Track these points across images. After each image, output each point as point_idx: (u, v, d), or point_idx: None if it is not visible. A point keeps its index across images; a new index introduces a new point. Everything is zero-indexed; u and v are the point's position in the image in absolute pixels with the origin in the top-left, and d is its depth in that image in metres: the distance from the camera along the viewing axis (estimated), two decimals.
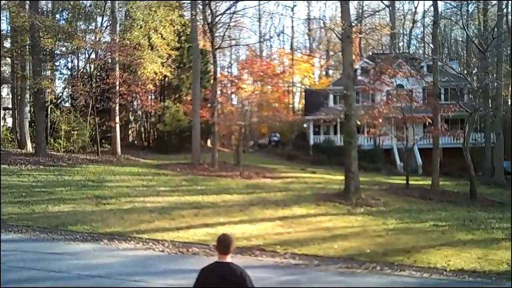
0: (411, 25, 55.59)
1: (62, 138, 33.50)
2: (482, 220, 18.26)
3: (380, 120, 24.77)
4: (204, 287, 5.05)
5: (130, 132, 45.41)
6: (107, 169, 25.20)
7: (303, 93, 59.49)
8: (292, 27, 76.44)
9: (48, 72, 34.14)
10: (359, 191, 20.39)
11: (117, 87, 31.23)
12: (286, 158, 38.71)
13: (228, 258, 5.11)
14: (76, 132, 34.19)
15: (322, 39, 66.10)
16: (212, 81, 31.40)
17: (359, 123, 21.48)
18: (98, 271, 10.85)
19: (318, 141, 40.59)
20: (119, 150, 32.14)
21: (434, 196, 23.90)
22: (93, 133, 35.82)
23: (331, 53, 57.04)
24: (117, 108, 31.92)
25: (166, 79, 41.82)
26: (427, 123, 24.73)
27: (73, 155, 29.83)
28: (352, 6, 46.31)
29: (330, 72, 65.86)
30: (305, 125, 48.83)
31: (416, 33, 55.47)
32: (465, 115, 34.27)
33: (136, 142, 44.65)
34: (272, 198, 20.17)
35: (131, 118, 44.05)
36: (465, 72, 31.27)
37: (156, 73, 34.05)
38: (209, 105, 30.42)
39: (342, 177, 28.80)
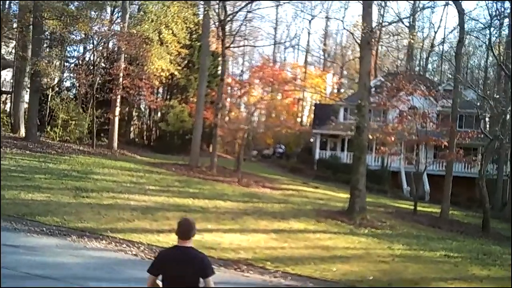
0: (428, 49, 53.90)
1: (59, 127, 31.85)
2: (497, 255, 16.27)
3: (393, 138, 22.93)
4: (161, 270, 4.90)
5: (132, 129, 43.74)
6: (98, 161, 23.48)
7: (313, 108, 57.94)
8: (308, 41, 74.50)
9: (55, 60, 32.66)
10: (364, 210, 18.52)
11: (120, 79, 29.61)
12: (289, 171, 36.80)
13: (189, 243, 4.96)
14: (74, 122, 32.56)
15: (337, 55, 64.56)
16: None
17: (370, 137, 19.61)
18: (51, 271, 9.08)
19: (323, 156, 38.70)
20: (115, 144, 30.46)
21: (443, 224, 21.93)
22: (92, 125, 34.40)
23: (347, 61, 55.11)
24: (118, 100, 30.29)
25: (174, 78, 40.27)
26: (442, 146, 22.74)
27: (66, 145, 28.15)
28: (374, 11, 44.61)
29: (342, 89, 64.12)
30: (311, 139, 46.98)
31: (433, 59, 53.70)
32: (477, 144, 32.43)
33: (137, 139, 42.92)
34: (269, 209, 18.33)
35: (134, 114, 42.40)
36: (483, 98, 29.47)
37: (163, 70, 32.47)
38: (214, 107, 28.69)
39: (346, 195, 26.96)
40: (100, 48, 30.82)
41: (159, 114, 42.43)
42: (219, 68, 40.51)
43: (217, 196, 19.25)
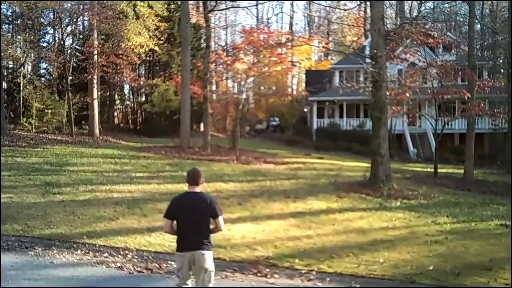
0: None
1: (34, 117, 28.39)
2: None
3: (408, 94, 19.91)
4: (175, 215, 5.38)
5: (115, 113, 40.27)
6: (76, 150, 20.21)
7: (302, 76, 54.69)
8: (292, 7, 70.48)
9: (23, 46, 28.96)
10: (390, 179, 15.58)
11: (95, 57, 26.14)
12: (286, 144, 33.74)
13: (197, 188, 5.48)
14: (50, 110, 29.08)
15: (323, 22, 61.08)
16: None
17: (388, 93, 16.52)
18: None
19: (322, 125, 35.63)
20: (97, 130, 27.14)
21: (472, 186, 19.18)
22: (70, 111, 31.09)
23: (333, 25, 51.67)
24: (95, 82, 26.83)
25: (155, 54, 36.71)
26: (465, 97, 19.54)
27: (42, 136, 24.79)
28: None
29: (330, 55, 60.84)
30: (305, 109, 43.88)
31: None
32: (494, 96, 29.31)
33: (121, 124, 39.48)
34: (278, 187, 15.28)
35: (117, 97, 38.90)
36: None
37: (142, 46, 28.96)
38: (202, 77, 25.36)
39: (355, 163, 24.10)
40: (70, 26, 27.10)
41: (143, 96, 38.97)
42: (202, 41, 37.10)
43: (216, 178, 16.15)
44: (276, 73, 28.80)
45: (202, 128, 39.77)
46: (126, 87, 40.16)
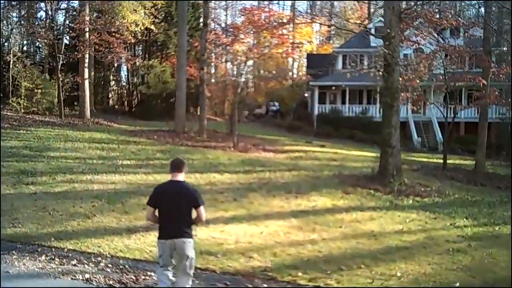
0: None
1: (23, 97, 26.77)
2: None
3: (418, 81, 18.30)
4: (158, 202, 5.41)
5: (110, 95, 38.61)
6: (62, 133, 18.68)
7: (303, 61, 52.93)
8: None
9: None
10: (401, 173, 14.08)
11: (87, 35, 24.43)
12: (286, 130, 32.18)
13: (180, 177, 5.49)
14: (40, 90, 27.44)
15: (325, 4, 59.13)
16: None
17: (400, 79, 14.89)
18: None
19: (323, 111, 33.99)
20: (88, 112, 25.53)
21: (485, 180, 17.73)
22: (63, 93, 29.53)
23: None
24: (86, 61, 25.15)
25: (151, 34, 34.91)
26: (480, 84, 17.89)
27: (28, 117, 23.22)
28: None
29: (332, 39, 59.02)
30: (306, 94, 42.19)
31: None
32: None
33: (116, 106, 37.83)
34: (278, 179, 13.80)
35: (112, 77, 37.20)
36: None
37: (137, 25, 27.26)
38: (199, 58, 23.74)
39: (359, 153, 22.62)
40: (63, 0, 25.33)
41: (139, 77, 37.26)
42: (201, 20, 35.33)
43: (210, 168, 14.67)
44: (277, 55, 27.09)
45: (199, 112, 38.29)
46: (123, 67, 38.54)
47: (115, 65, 36.66)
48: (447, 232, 9.96)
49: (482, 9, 20.87)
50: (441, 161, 23.17)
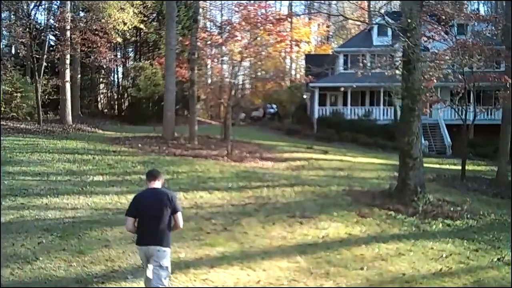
0: None
1: (1, 102, 24.25)
2: None
3: (435, 81, 15.91)
4: (137, 212, 5.24)
5: (99, 98, 36.16)
6: (32, 142, 16.18)
7: (300, 62, 50.61)
8: None
9: None
10: (424, 189, 11.62)
11: (68, 33, 21.96)
12: (285, 133, 29.73)
13: (157, 185, 5.41)
14: (20, 94, 24.96)
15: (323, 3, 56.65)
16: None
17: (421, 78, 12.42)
18: None
19: (324, 114, 31.54)
20: (69, 118, 23.05)
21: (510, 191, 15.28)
22: (45, 96, 27.04)
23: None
24: (67, 61, 22.66)
25: (142, 34, 32.52)
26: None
27: (2, 123, 20.69)
28: None
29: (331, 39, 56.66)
30: (305, 96, 39.77)
31: None
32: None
33: (106, 110, 35.37)
34: (279, 199, 11.32)
35: (101, 80, 34.75)
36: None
37: (125, 23, 24.82)
38: (189, 58, 21.32)
39: (367, 159, 20.25)
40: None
41: (130, 79, 34.80)
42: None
43: (198, 184, 12.20)
44: (275, 54, 24.67)
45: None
46: (114, 69, 36.09)
47: (104, 66, 34.28)
48: (498, 273, 7.56)
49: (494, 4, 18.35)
50: (455, 167, 20.89)
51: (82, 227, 8.32)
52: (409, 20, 10.97)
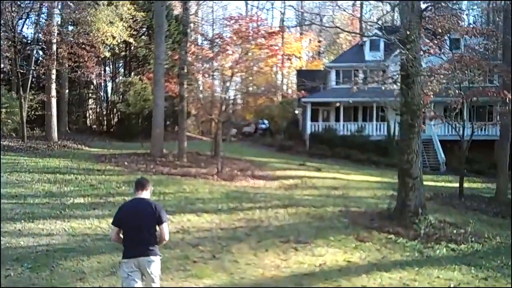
0: None
1: None
2: None
3: (432, 96, 15.38)
4: (122, 221, 5.11)
5: (88, 113, 35.36)
6: (12, 161, 15.34)
7: (291, 79, 50.34)
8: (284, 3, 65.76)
9: None
10: (425, 210, 10.96)
11: (54, 47, 21.27)
12: (277, 149, 29.07)
13: (145, 195, 5.28)
14: (5, 110, 24.13)
15: (315, 18, 56.59)
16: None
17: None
18: None
19: (316, 129, 30.96)
20: (55, 134, 22.28)
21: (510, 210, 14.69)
22: (31, 112, 26.28)
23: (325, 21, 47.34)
24: (53, 76, 21.94)
25: (132, 48, 31.91)
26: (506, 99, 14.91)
27: None
28: None
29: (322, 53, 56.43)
30: (297, 112, 39.23)
31: None
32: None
33: (94, 126, 34.54)
34: (271, 221, 10.59)
35: (90, 95, 34.01)
36: None
37: (114, 37, 24.18)
38: (178, 72, 20.67)
39: (361, 177, 19.63)
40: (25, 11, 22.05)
41: (120, 94, 34.08)
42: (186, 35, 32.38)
43: (185, 206, 11.46)
44: (266, 69, 24.15)
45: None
46: (103, 84, 35.41)
47: (94, 82, 33.59)
48: None
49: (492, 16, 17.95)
50: (451, 184, 20.33)
51: (56, 256, 7.54)
52: (408, 32, 10.41)
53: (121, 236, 5.13)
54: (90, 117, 35.75)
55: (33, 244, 8.04)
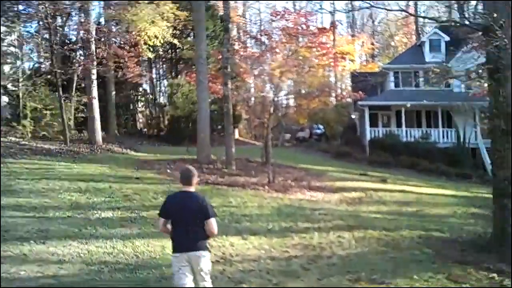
0: None
1: (29, 119, 22.63)
2: None
3: None
4: (169, 213, 5.08)
5: (138, 117, 34.49)
6: (46, 166, 14.03)
7: (346, 81, 47.68)
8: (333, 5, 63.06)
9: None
10: None
11: (93, 47, 20.11)
12: (334, 156, 26.73)
13: (191, 189, 5.15)
14: (49, 111, 23.34)
15: (367, 21, 53.78)
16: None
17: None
18: None
19: (376, 135, 28.43)
20: (99, 137, 21.06)
21: None
22: (77, 113, 25.44)
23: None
24: (93, 77, 20.76)
25: (177, 50, 30.69)
26: None
27: (26, 143, 18.89)
28: None
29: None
30: (353, 116, 36.73)
31: None
32: None
33: (145, 129, 33.57)
34: (335, 249, 8.49)
35: (139, 97, 33.11)
36: None
37: (156, 37, 22.82)
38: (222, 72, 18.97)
39: (433, 189, 17.08)
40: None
41: (168, 96, 32.98)
42: (233, 34, 30.85)
43: (229, 224, 9.58)
44: (318, 68, 22.02)
45: (237, 135, 33.29)
46: (150, 86, 34.51)
47: (142, 84, 32.68)
48: None
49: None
50: None
51: None
52: (495, 15, 8.04)
53: (169, 227, 5.08)
54: (140, 120, 34.85)
55: (36, 275, 6.38)
